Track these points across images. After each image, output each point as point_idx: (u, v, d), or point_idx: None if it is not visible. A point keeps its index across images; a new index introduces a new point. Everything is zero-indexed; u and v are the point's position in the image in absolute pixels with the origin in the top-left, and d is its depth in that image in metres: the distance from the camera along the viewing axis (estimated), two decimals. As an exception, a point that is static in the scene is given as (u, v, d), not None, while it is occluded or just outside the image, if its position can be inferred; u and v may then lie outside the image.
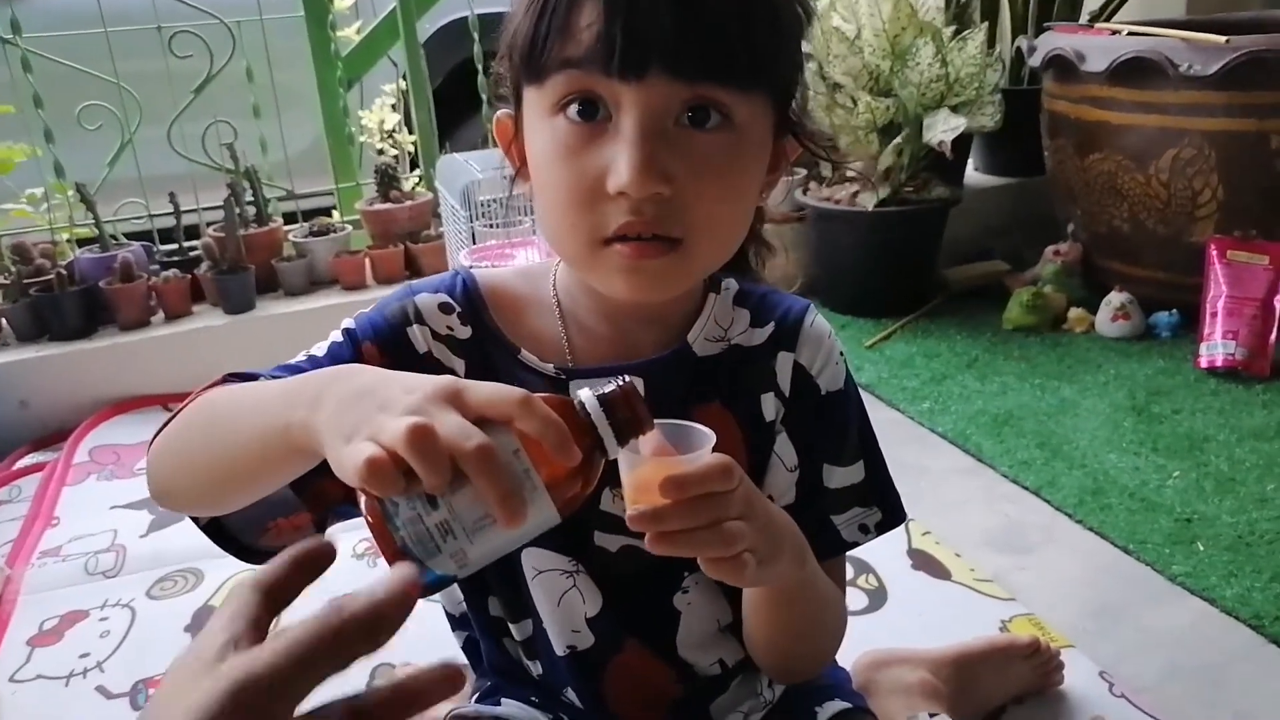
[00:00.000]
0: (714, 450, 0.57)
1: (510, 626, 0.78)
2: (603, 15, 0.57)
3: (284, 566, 0.42)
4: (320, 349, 0.71)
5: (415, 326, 0.71)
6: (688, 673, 0.79)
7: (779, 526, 0.62)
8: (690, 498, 0.54)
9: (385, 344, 0.70)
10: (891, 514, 0.79)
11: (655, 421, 0.54)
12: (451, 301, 0.73)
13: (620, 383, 0.52)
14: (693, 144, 0.60)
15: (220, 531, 0.65)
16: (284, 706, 0.37)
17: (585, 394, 0.51)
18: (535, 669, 0.80)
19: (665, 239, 0.61)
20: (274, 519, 0.64)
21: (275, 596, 0.42)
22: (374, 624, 0.39)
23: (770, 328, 0.76)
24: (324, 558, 0.43)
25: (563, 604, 0.74)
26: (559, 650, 0.76)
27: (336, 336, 0.71)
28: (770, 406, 0.75)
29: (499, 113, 0.71)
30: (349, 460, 0.46)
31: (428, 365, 0.71)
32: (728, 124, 0.61)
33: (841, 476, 0.76)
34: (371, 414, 0.47)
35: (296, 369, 0.68)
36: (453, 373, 0.71)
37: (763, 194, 0.70)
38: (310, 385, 0.53)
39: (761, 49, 0.61)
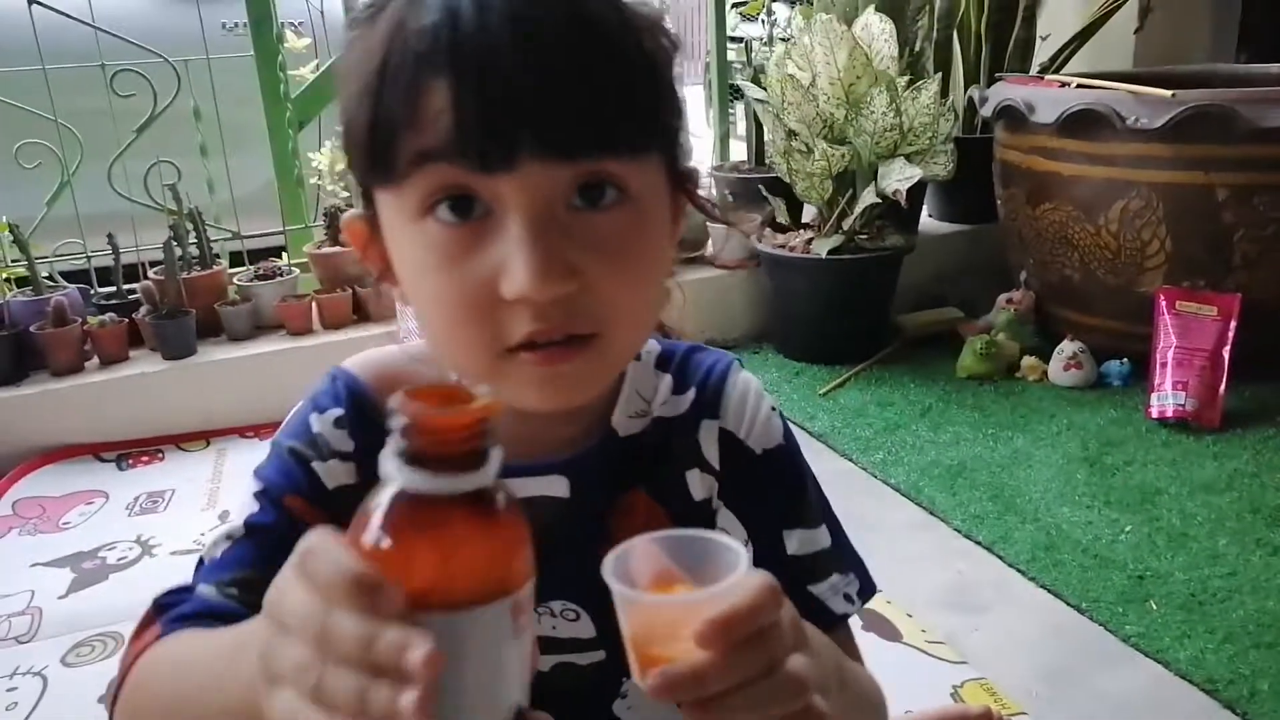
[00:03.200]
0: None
1: None
2: (452, 99, 0.48)
3: None
4: (237, 527, 0.60)
5: (316, 462, 0.62)
6: None
7: (818, 643, 0.50)
8: (739, 642, 0.41)
9: (305, 491, 0.62)
10: (865, 581, 0.71)
11: (652, 536, 0.45)
12: (341, 413, 0.63)
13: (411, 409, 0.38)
14: (592, 227, 0.52)
15: None
16: None
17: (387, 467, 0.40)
18: None
19: (578, 337, 0.53)
20: None
21: None
22: None
23: (692, 394, 0.68)
24: None
25: None
26: None
27: (251, 507, 0.61)
28: (697, 484, 0.68)
29: (347, 215, 0.61)
30: None
31: (339, 497, 0.61)
32: (624, 196, 0.52)
33: (807, 540, 0.67)
34: (273, 707, 0.39)
35: (224, 566, 0.59)
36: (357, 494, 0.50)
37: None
38: (243, 668, 0.43)
39: (643, 103, 0.52)
